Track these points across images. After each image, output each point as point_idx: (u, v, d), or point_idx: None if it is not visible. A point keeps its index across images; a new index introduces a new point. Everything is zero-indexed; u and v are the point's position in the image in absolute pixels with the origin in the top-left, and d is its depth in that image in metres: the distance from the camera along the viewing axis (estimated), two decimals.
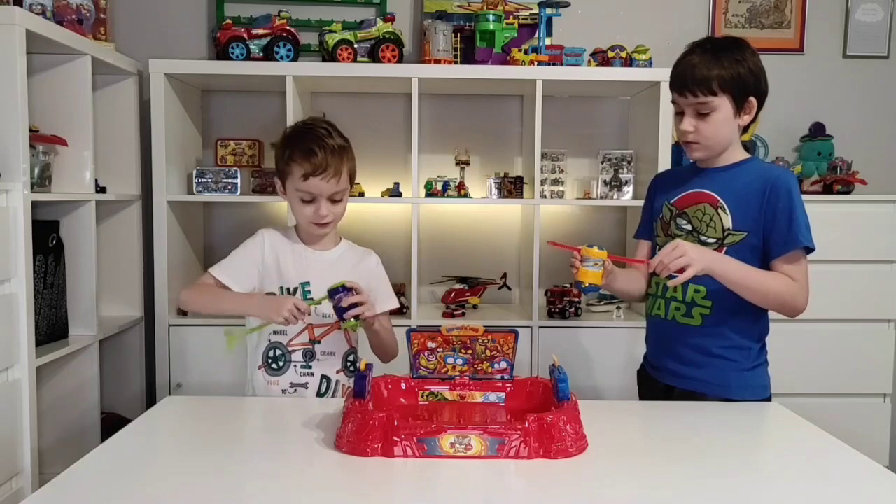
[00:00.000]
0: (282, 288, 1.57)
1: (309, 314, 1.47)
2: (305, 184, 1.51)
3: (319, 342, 1.57)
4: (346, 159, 1.56)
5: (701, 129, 1.47)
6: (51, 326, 1.96)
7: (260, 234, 1.62)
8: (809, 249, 1.45)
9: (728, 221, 1.48)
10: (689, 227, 1.52)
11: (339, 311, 1.45)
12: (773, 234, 1.46)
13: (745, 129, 1.53)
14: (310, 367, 1.57)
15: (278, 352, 1.57)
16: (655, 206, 1.64)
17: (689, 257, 1.34)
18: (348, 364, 1.61)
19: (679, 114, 1.51)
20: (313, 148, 1.50)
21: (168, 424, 1.35)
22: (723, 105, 1.45)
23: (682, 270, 1.35)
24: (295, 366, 1.57)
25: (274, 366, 1.57)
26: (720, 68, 1.43)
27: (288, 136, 1.59)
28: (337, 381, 1.59)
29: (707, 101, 1.44)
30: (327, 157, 1.50)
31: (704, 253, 1.40)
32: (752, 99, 1.48)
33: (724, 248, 1.48)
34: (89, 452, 1.14)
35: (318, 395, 1.57)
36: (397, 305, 1.73)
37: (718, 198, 1.50)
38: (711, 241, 1.49)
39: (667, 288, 1.53)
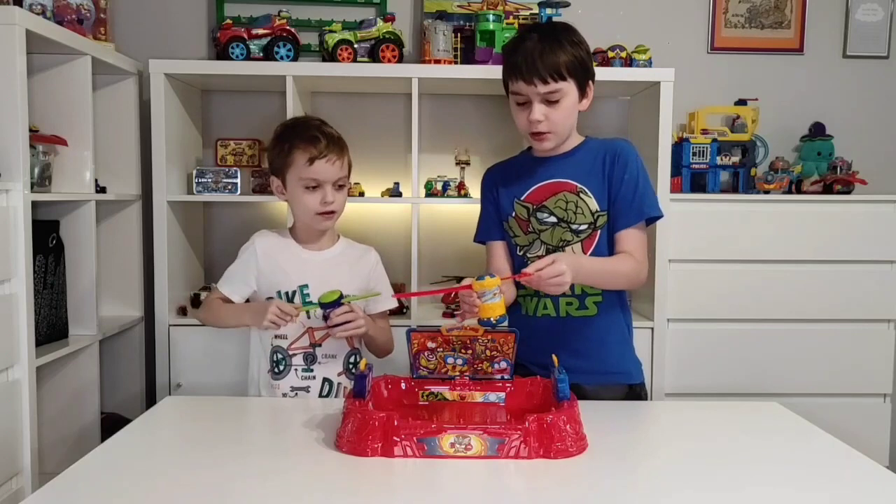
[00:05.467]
0: (279, 292, 1.57)
1: (295, 316, 1.47)
2: (311, 168, 1.53)
3: (320, 345, 1.57)
4: (345, 149, 1.60)
5: (551, 117, 1.43)
6: (51, 326, 1.96)
7: (253, 240, 1.63)
8: (656, 218, 1.48)
9: (594, 204, 1.47)
10: (552, 219, 1.49)
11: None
12: (619, 205, 1.46)
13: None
14: (311, 371, 1.57)
15: (279, 355, 1.57)
16: (503, 203, 1.57)
17: (567, 277, 1.30)
18: (350, 366, 1.61)
19: (522, 104, 1.45)
20: (316, 134, 1.54)
21: (168, 424, 1.35)
22: (570, 90, 1.43)
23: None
24: (296, 369, 1.56)
25: (276, 369, 1.57)
26: (565, 53, 1.40)
27: (284, 132, 1.61)
28: (339, 384, 1.59)
29: (558, 87, 1.40)
30: (329, 142, 1.55)
31: (573, 264, 1.35)
32: (591, 83, 1.47)
33: (598, 232, 1.48)
34: (89, 452, 1.14)
35: (321, 398, 1.57)
36: (396, 305, 1.73)
37: (576, 183, 1.48)
38: (583, 227, 1.48)
39: None
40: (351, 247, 1.69)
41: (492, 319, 1.30)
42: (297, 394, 1.57)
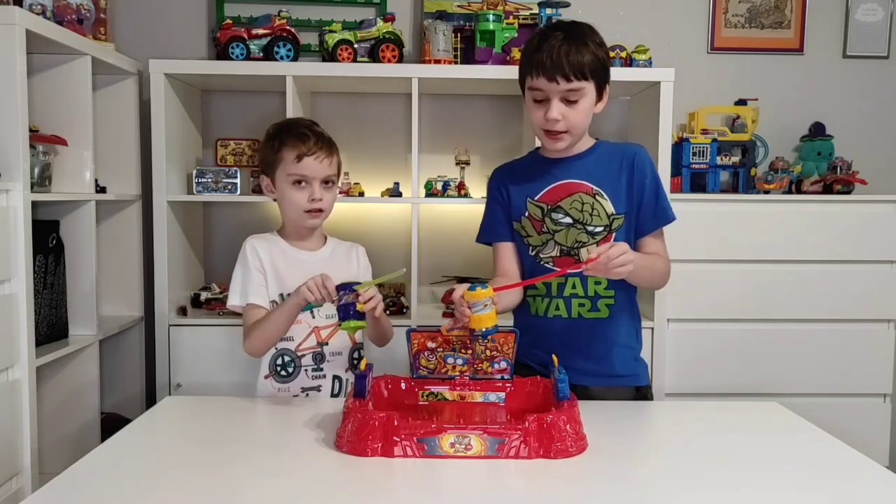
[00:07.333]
0: (282, 294, 1.57)
1: (328, 297, 1.42)
2: (299, 165, 1.54)
3: (327, 343, 1.57)
4: (334, 149, 1.60)
5: (569, 117, 1.42)
6: (51, 326, 1.96)
7: (248, 248, 1.58)
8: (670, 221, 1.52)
9: (610, 207, 1.47)
10: (568, 220, 1.48)
11: (343, 308, 1.39)
12: (644, 211, 1.48)
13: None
14: (321, 370, 1.57)
15: (286, 358, 1.56)
16: (514, 203, 1.54)
17: (631, 255, 1.29)
18: (354, 361, 1.61)
19: (539, 101, 1.44)
20: (305, 132, 1.56)
21: (168, 424, 1.35)
22: (590, 91, 1.42)
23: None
24: (306, 370, 1.56)
25: (283, 373, 1.56)
26: (589, 53, 1.40)
27: (274, 131, 1.61)
28: (347, 380, 1.59)
29: (580, 86, 1.40)
30: (318, 140, 1.56)
31: (633, 253, 1.33)
32: (608, 86, 1.47)
33: (613, 235, 1.47)
34: (89, 452, 1.14)
35: (332, 396, 1.57)
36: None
37: (592, 185, 1.48)
38: (599, 229, 1.47)
39: (562, 287, 1.49)
40: (339, 245, 1.69)
41: (482, 330, 1.28)
42: (307, 394, 1.56)
